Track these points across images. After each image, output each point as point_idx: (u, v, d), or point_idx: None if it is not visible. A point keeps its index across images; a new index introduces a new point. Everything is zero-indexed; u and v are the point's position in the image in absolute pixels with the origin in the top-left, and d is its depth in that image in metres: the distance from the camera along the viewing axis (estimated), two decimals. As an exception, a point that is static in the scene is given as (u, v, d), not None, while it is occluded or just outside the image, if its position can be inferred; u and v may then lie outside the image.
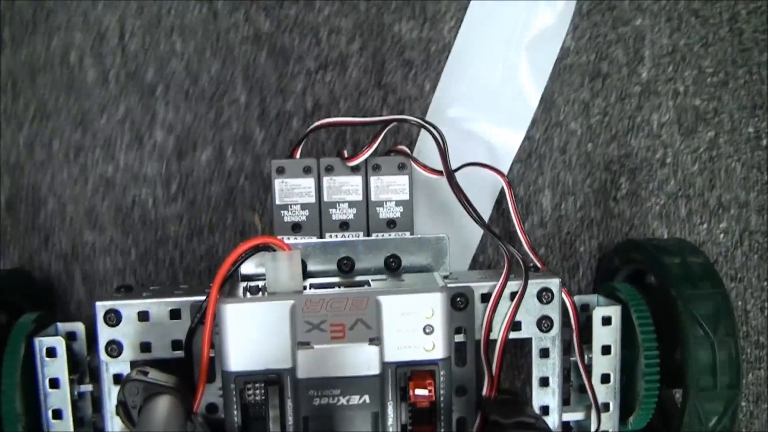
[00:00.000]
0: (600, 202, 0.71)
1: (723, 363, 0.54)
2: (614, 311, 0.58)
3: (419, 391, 0.49)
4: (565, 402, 0.59)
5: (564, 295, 0.56)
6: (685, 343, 0.54)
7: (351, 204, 0.59)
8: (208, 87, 0.69)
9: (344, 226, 0.59)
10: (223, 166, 0.69)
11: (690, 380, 0.54)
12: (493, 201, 0.69)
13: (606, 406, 0.58)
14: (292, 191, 0.59)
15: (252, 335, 0.49)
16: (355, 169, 0.59)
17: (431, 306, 0.50)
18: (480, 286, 0.55)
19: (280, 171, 0.59)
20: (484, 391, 0.54)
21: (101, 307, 0.54)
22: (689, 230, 0.72)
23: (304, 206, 0.59)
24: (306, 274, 0.55)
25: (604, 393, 0.58)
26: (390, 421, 0.50)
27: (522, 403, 0.54)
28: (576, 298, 0.58)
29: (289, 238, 0.58)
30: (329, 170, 0.59)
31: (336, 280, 0.55)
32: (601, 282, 0.68)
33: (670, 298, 0.56)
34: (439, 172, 0.60)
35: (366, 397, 0.49)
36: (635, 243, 0.67)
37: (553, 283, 0.55)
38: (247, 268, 0.55)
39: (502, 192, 0.67)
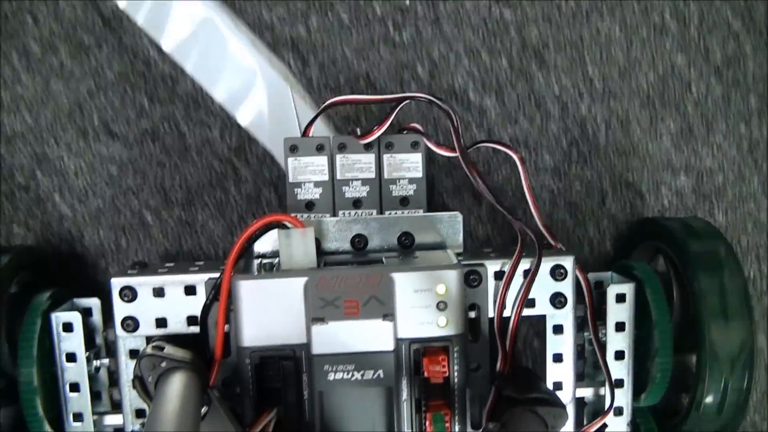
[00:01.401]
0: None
1: (737, 344, 0.54)
2: (629, 288, 0.58)
3: (433, 367, 0.50)
4: (579, 378, 0.59)
5: (578, 272, 0.56)
6: (700, 327, 0.55)
7: (364, 182, 0.59)
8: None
9: (357, 203, 0.59)
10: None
11: (705, 362, 0.54)
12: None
13: (620, 383, 0.58)
14: (305, 169, 0.59)
15: (266, 311, 0.49)
16: (368, 147, 0.59)
17: (445, 283, 0.50)
18: (494, 264, 0.55)
19: (293, 149, 0.59)
20: (498, 367, 0.54)
21: (117, 283, 0.54)
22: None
23: (317, 184, 0.59)
24: (319, 252, 0.56)
25: (618, 369, 0.58)
26: (404, 396, 0.50)
27: (536, 378, 0.54)
28: (590, 275, 0.58)
29: (302, 216, 0.58)
30: (342, 148, 0.59)
31: (349, 257, 0.56)
32: (617, 259, 0.68)
33: (686, 279, 0.56)
34: (452, 150, 0.60)
35: (380, 373, 0.50)
36: (651, 221, 0.67)
37: (567, 260, 0.55)
38: (262, 246, 0.56)
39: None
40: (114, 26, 0.69)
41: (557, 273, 0.55)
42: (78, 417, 0.56)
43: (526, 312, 0.55)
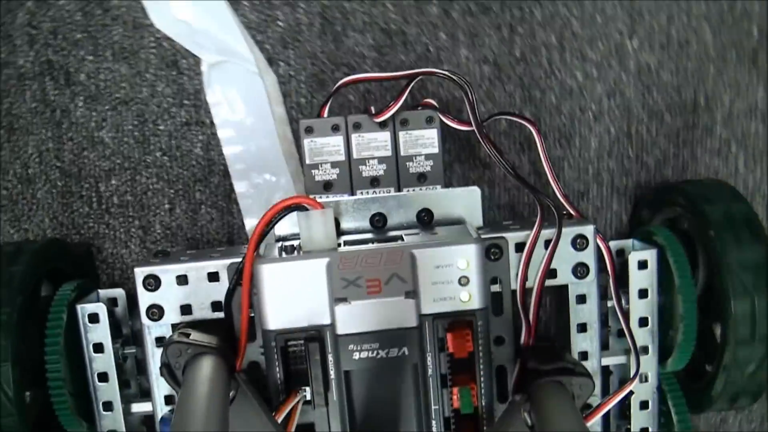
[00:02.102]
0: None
1: (762, 312, 0.54)
2: (650, 255, 0.57)
3: (457, 342, 0.50)
4: (604, 347, 0.59)
5: (599, 241, 0.56)
6: (723, 293, 0.54)
7: (380, 160, 0.59)
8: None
9: (375, 182, 0.59)
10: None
11: (729, 329, 0.54)
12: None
13: (645, 349, 0.58)
14: (322, 150, 0.59)
15: (289, 293, 0.50)
16: (383, 125, 0.59)
17: (465, 257, 0.50)
18: (514, 237, 0.55)
19: (309, 130, 0.59)
20: (522, 340, 0.54)
21: (140, 272, 0.54)
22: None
23: (334, 164, 0.59)
24: (339, 232, 0.56)
25: (643, 336, 0.58)
26: (430, 372, 0.51)
27: (560, 349, 0.54)
28: (612, 243, 0.58)
29: (320, 197, 0.58)
30: (357, 127, 0.59)
31: (369, 236, 0.56)
32: (637, 226, 0.68)
33: (708, 244, 0.56)
34: (468, 124, 0.60)
35: (405, 350, 0.50)
36: (672, 186, 0.66)
37: (588, 230, 0.55)
38: (282, 228, 0.56)
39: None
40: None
41: (578, 243, 0.55)
42: (108, 406, 0.57)
43: (549, 283, 0.55)
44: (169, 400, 0.56)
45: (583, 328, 0.57)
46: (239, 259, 0.53)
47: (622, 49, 0.70)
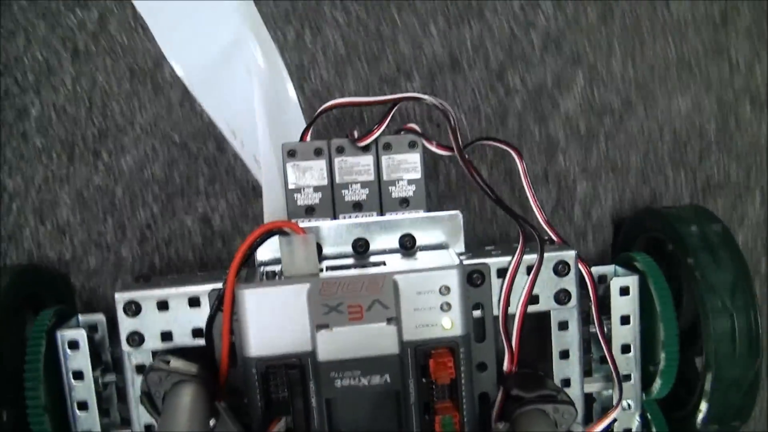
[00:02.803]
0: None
1: (742, 331, 0.54)
2: (632, 281, 0.57)
3: (439, 369, 0.50)
4: (587, 373, 0.59)
5: (581, 267, 0.56)
6: (703, 312, 0.54)
7: (363, 184, 0.59)
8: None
9: (357, 206, 0.59)
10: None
11: (710, 349, 0.54)
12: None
13: (627, 377, 0.58)
14: (304, 174, 0.59)
15: (271, 320, 0.49)
16: (365, 149, 0.59)
17: (447, 283, 0.50)
18: (496, 262, 0.55)
19: (292, 154, 0.59)
20: (505, 366, 0.54)
21: (120, 298, 0.54)
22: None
23: (316, 189, 0.59)
24: (321, 257, 0.55)
25: (625, 363, 0.58)
26: (412, 399, 0.50)
27: (543, 376, 0.54)
28: (593, 269, 0.58)
29: (302, 222, 0.58)
30: (340, 151, 0.59)
31: (351, 261, 0.56)
32: (618, 251, 0.68)
33: (687, 267, 0.56)
34: (450, 149, 0.60)
35: (387, 377, 0.50)
36: (652, 211, 0.67)
37: (569, 256, 0.55)
38: (263, 254, 0.55)
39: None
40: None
41: (560, 268, 0.55)
42: (87, 435, 0.56)
43: (531, 309, 0.55)
44: (149, 429, 0.55)
45: (565, 354, 0.57)
46: (220, 285, 0.52)
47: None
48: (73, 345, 0.55)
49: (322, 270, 0.52)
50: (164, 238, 0.70)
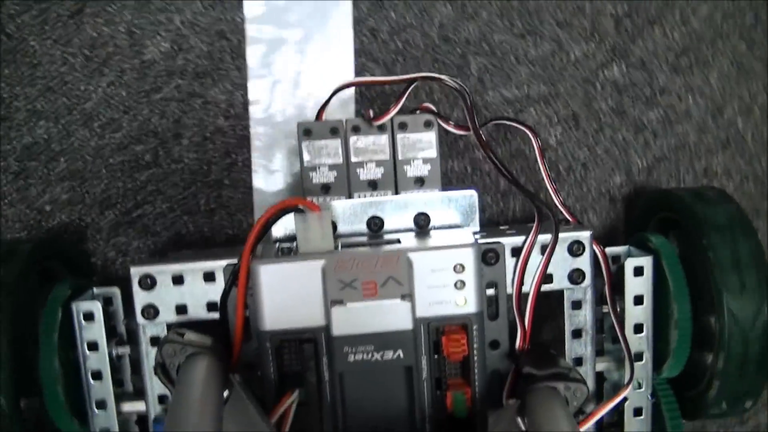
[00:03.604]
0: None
1: (755, 311, 0.54)
2: (646, 261, 0.57)
3: (452, 346, 0.50)
4: (599, 353, 0.59)
5: (595, 247, 0.56)
6: (716, 292, 0.54)
7: (378, 163, 0.59)
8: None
9: (372, 185, 0.59)
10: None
11: (722, 329, 0.54)
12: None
13: (639, 356, 0.58)
14: (320, 152, 0.59)
15: (285, 295, 0.50)
16: (381, 129, 0.59)
17: (462, 261, 0.50)
18: (510, 242, 0.55)
19: (307, 133, 0.59)
20: (517, 344, 0.54)
21: (136, 272, 0.54)
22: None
23: (332, 167, 0.59)
24: (336, 235, 0.56)
25: (637, 343, 0.58)
26: (424, 375, 0.51)
27: (555, 354, 0.54)
28: (608, 249, 0.58)
29: (318, 199, 0.58)
30: (356, 130, 0.59)
31: (366, 239, 0.56)
32: (632, 232, 0.68)
33: (701, 246, 0.56)
34: (466, 128, 0.60)
35: (400, 352, 0.50)
36: (665, 192, 0.66)
37: (584, 236, 0.55)
38: (278, 230, 0.56)
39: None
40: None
41: (574, 248, 0.55)
42: (101, 404, 0.57)
43: (545, 288, 0.55)
44: (162, 399, 0.56)
45: (578, 333, 0.57)
46: (235, 260, 0.53)
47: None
48: (88, 316, 0.56)
49: (336, 247, 0.53)
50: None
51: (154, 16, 0.68)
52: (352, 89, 0.68)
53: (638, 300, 0.57)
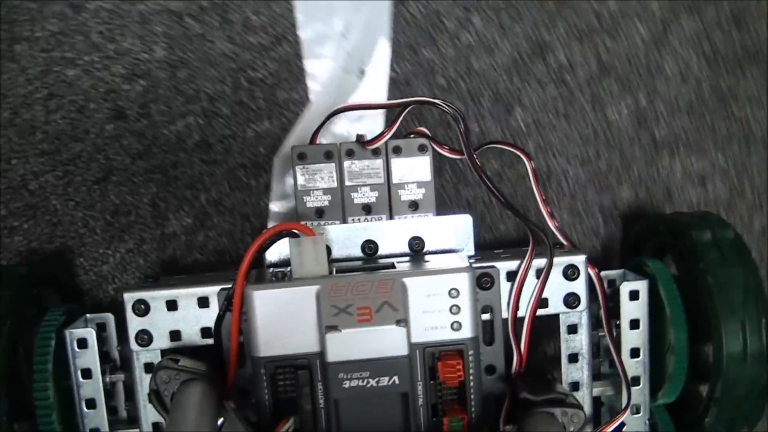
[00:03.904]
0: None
1: (753, 337, 0.54)
2: (642, 285, 0.57)
3: (448, 371, 0.50)
4: (595, 377, 0.59)
5: (590, 271, 0.56)
6: (713, 317, 0.54)
7: (373, 187, 0.59)
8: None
9: (367, 209, 0.59)
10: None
11: (719, 355, 0.54)
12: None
13: (636, 380, 0.58)
14: (314, 176, 0.59)
15: (280, 320, 0.50)
16: (375, 152, 0.59)
17: (457, 286, 0.50)
18: (505, 266, 0.55)
19: (302, 157, 0.59)
20: (513, 369, 0.54)
21: (129, 298, 0.54)
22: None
23: (326, 191, 0.59)
24: (330, 259, 0.56)
25: (634, 367, 0.58)
26: (420, 401, 0.50)
27: (552, 380, 0.54)
28: (603, 273, 0.58)
29: (312, 224, 0.58)
30: (350, 154, 0.59)
31: (360, 263, 0.56)
32: (628, 255, 0.68)
33: (698, 272, 0.56)
34: (459, 152, 0.60)
35: (395, 378, 0.50)
36: (661, 216, 0.66)
37: (579, 260, 0.55)
38: (273, 255, 0.56)
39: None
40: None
41: (570, 272, 0.55)
42: (95, 433, 0.57)
43: (540, 312, 0.55)
44: (156, 427, 0.55)
45: (574, 358, 0.57)
46: (230, 285, 0.52)
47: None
48: (82, 344, 0.55)
49: (331, 272, 0.52)
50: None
51: (180, 192, 0.69)
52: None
53: (634, 324, 0.57)
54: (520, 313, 0.55)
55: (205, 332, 0.54)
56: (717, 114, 0.72)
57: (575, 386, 0.57)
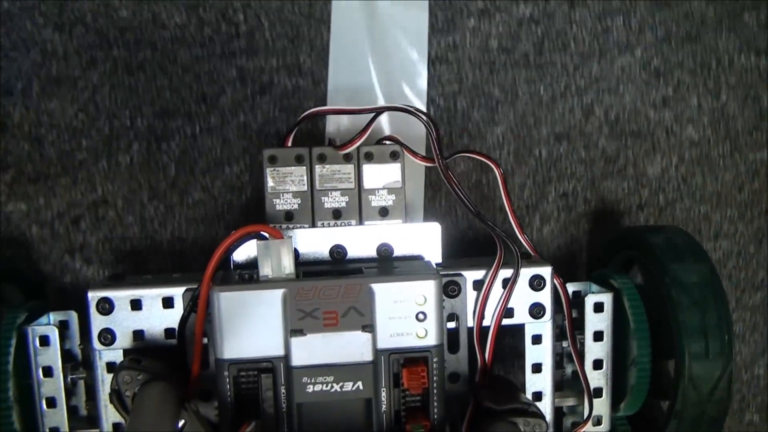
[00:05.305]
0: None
1: (715, 349, 0.54)
2: (606, 298, 0.58)
3: (412, 378, 0.50)
4: (558, 388, 0.59)
5: (556, 282, 0.56)
6: (676, 330, 0.55)
7: (343, 192, 0.59)
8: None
9: (336, 214, 0.59)
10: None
11: (681, 367, 0.54)
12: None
13: (598, 392, 0.58)
14: (284, 179, 0.59)
15: (245, 323, 0.49)
16: (347, 158, 0.59)
17: (424, 293, 0.50)
18: (472, 274, 0.55)
19: (272, 160, 0.59)
20: (477, 378, 0.54)
21: (93, 296, 0.53)
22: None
23: (296, 194, 0.59)
24: (298, 263, 0.55)
25: (597, 379, 0.58)
26: (383, 407, 0.50)
27: (514, 389, 0.54)
28: (569, 285, 0.58)
29: (281, 227, 0.58)
30: (321, 159, 0.59)
31: (328, 267, 0.55)
32: (593, 268, 0.68)
33: (662, 285, 0.57)
34: (431, 160, 0.60)
35: (359, 384, 0.50)
36: (628, 229, 0.67)
37: (545, 271, 0.55)
38: (240, 256, 0.55)
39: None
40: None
41: (536, 283, 0.55)
42: (54, 432, 0.56)
43: (505, 322, 0.55)
44: (117, 427, 0.55)
45: (537, 368, 0.57)
46: (195, 286, 0.52)
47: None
48: (44, 341, 0.55)
49: (298, 275, 0.52)
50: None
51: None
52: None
53: (598, 336, 0.58)
54: (485, 322, 0.55)
55: (169, 333, 0.54)
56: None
57: (538, 396, 0.57)
